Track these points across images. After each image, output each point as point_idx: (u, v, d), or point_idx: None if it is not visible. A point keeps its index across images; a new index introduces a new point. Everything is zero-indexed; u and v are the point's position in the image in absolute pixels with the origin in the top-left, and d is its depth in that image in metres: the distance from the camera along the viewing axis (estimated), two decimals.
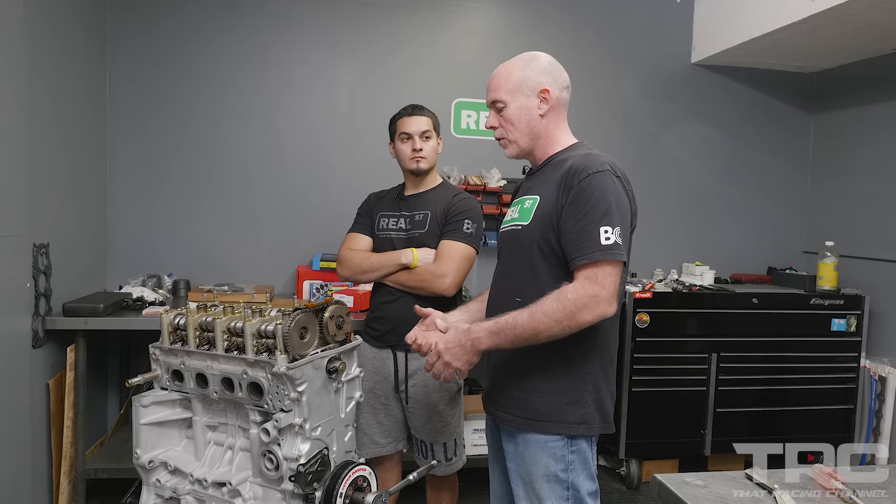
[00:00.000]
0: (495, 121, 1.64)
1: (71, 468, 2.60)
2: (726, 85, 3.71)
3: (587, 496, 1.52)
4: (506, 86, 1.61)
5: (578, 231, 1.44)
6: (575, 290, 1.41)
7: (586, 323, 1.40)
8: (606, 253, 1.40)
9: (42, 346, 2.45)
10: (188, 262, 3.24)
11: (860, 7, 2.61)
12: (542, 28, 3.51)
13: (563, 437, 1.51)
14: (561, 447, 1.51)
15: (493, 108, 1.65)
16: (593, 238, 1.41)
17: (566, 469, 1.51)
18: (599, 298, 1.40)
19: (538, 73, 1.60)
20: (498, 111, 1.63)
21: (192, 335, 1.55)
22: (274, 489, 1.47)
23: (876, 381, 3.17)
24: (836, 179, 3.64)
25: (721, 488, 1.19)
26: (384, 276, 2.20)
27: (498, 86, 1.62)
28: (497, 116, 1.64)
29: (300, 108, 3.34)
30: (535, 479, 1.52)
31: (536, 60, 1.62)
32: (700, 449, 3.15)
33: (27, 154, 2.29)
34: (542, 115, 1.60)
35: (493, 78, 1.65)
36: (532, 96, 1.59)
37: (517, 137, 1.63)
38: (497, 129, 1.65)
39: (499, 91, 1.62)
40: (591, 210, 1.43)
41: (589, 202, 1.44)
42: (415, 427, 2.24)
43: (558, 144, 1.63)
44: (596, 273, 1.41)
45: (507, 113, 1.61)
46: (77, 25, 2.80)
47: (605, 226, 1.42)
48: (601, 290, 1.40)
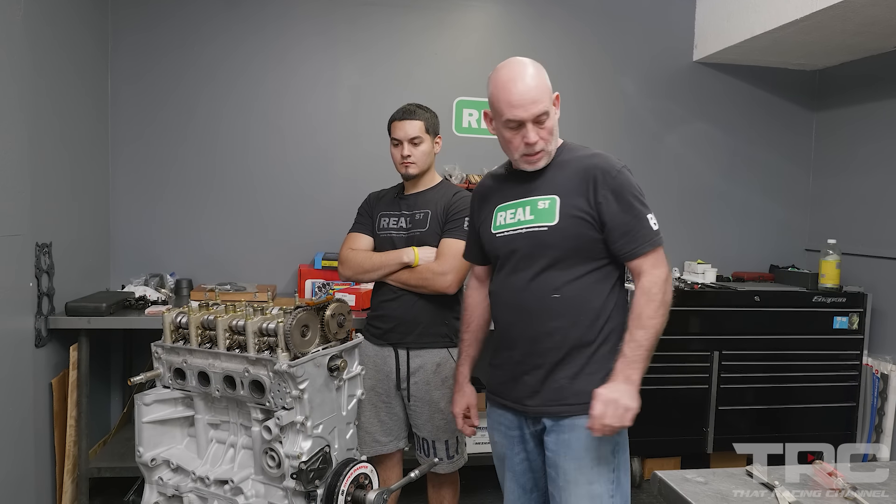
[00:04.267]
0: (537, 135, 1.54)
1: (74, 467, 2.60)
2: (728, 83, 3.70)
3: (624, 475, 1.59)
4: (547, 95, 1.55)
5: (631, 223, 1.53)
6: (653, 281, 1.51)
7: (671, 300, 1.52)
8: (659, 237, 1.55)
9: (45, 346, 2.46)
10: (190, 261, 3.25)
11: (862, 4, 2.60)
12: (542, 26, 3.50)
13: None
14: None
15: (534, 122, 1.53)
16: (646, 227, 1.54)
17: (614, 450, 1.57)
18: (669, 276, 1.54)
19: (548, 78, 1.59)
20: (540, 124, 1.54)
21: (194, 334, 1.56)
22: (276, 487, 1.48)
23: (878, 379, 3.16)
24: (838, 177, 3.63)
25: (722, 485, 1.19)
26: (386, 276, 2.20)
27: (541, 97, 1.53)
28: (538, 130, 1.54)
29: (301, 107, 3.34)
30: (584, 465, 1.54)
31: (542, 67, 1.60)
32: (702, 447, 3.15)
33: (29, 153, 2.29)
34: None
35: (533, 88, 1.52)
36: (552, 103, 1.58)
37: (553, 147, 1.61)
38: (539, 143, 1.55)
39: (544, 101, 1.53)
40: (634, 202, 1.54)
41: (630, 195, 1.54)
42: (416, 425, 2.24)
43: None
44: (657, 257, 1.54)
45: (549, 124, 1.55)
46: (79, 25, 2.81)
47: (648, 213, 1.55)
48: (667, 269, 1.54)
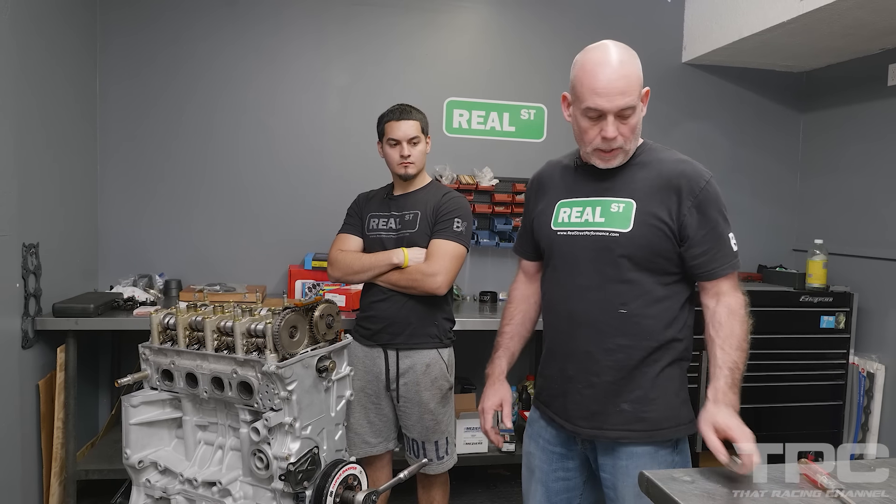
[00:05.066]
0: (617, 129, 1.40)
1: (61, 469, 2.58)
2: (717, 84, 3.73)
3: None
4: (637, 88, 1.39)
5: (715, 241, 1.43)
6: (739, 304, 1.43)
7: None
8: (738, 260, 1.45)
9: (32, 347, 2.44)
10: (180, 261, 3.24)
11: (848, 7, 2.63)
12: (532, 27, 3.51)
13: (670, 441, 1.49)
14: (669, 452, 1.50)
15: (616, 116, 1.39)
16: (728, 247, 1.44)
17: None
18: (747, 303, 1.44)
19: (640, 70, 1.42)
20: (624, 119, 1.40)
21: (181, 335, 1.55)
22: (264, 488, 1.48)
23: (864, 378, 3.20)
24: (825, 178, 3.67)
25: (708, 484, 1.20)
26: (375, 277, 2.20)
27: (633, 89, 1.38)
28: (619, 125, 1.40)
29: (292, 107, 3.33)
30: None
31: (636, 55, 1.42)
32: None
33: (16, 154, 2.27)
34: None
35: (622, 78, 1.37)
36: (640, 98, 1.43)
37: (633, 145, 1.46)
38: (618, 139, 1.41)
39: (633, 95, 1.38)
40: (719, 218, 1.43)
41: (715, 210, 1.43)
42: (406, 426, 2.24)
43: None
44: (735, 280, 1.45)
45: (633, 121, 1.41)
46: (66, 24, 2.79)
47: (730, 233, 1.45)
48: (744, 295, 1.45)
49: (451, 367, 2.26)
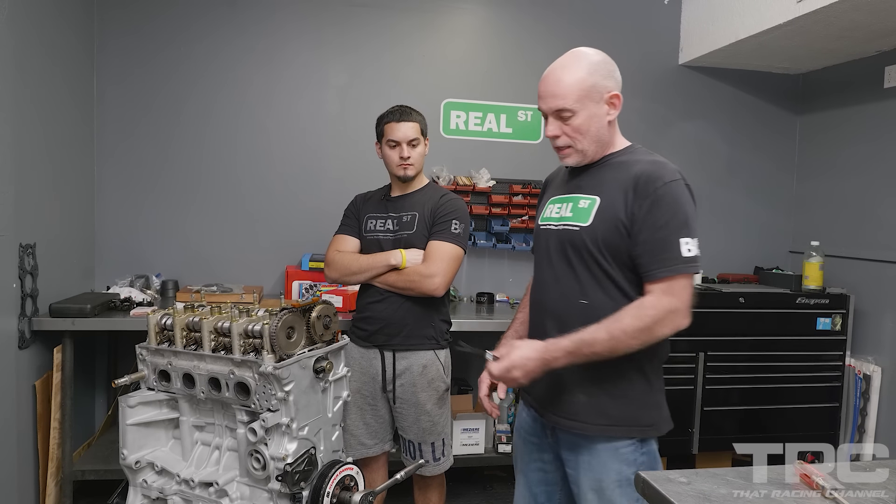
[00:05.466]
0: (558, 129, 1.50)
1: (58, 470, 2.58)
2: (713, 86, 3.74)
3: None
4: (573, 93, 1.47)
5: (657, 242, 1.41)
6: (654, 304, 1.40)
7: (664, 336, 1.41)
8: (688, 265, 1.40)
9: (28, 347, 2.43)
10: (177, 262, 3.23)
11: (844, 9, 2.64)
12: (529, 28, 3.52)
13: (634, 441, 1.50)
14: (631, 451, 1.50)
15: (554, 116, 1.50)
16: (674, 250, 1.40)
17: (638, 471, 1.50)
18: (677, 312, 1.40)
19: (606, 76, 1.51)
20: (563, 120, 1.49)
21: (178, 335, 1.55)
22: (261, 489, 1.48)
23: (861, 380, 3.20)
24: (821, 180, 3.68)
25: (704, 485, 1.20)
26: (373, 278, 2.19)
27: (564, 92, 1.47)
28: (561, 125, 1.50)
29: (289, 108, 3.34)
30: (607, 486, 1.49)
31: (602, 62, 1.52)
32: (688, 448, 3.17)
33: (13, 154, 2.27)
34: (611, 122, 1.54)
35: (555, 82, 1.49)
36: (601, 103, 1.50)
37: (586, 146, 1.52)
38: (560, 138, 1.51)
39: (565, 98, 1.47)
40: (670, 220, 1.41)
41: (667, 212, 1.41)
42: (402, 427, 2.24)
43: (613, 146, 1.58)
44: (673, 286, 1.40)
45: (576, 122, 1.49)
46: (64, 25, 2.79)
47: (685, 237, 1.41)
48: (679, 303, 1.40)
49: (447, 368, 2.26)
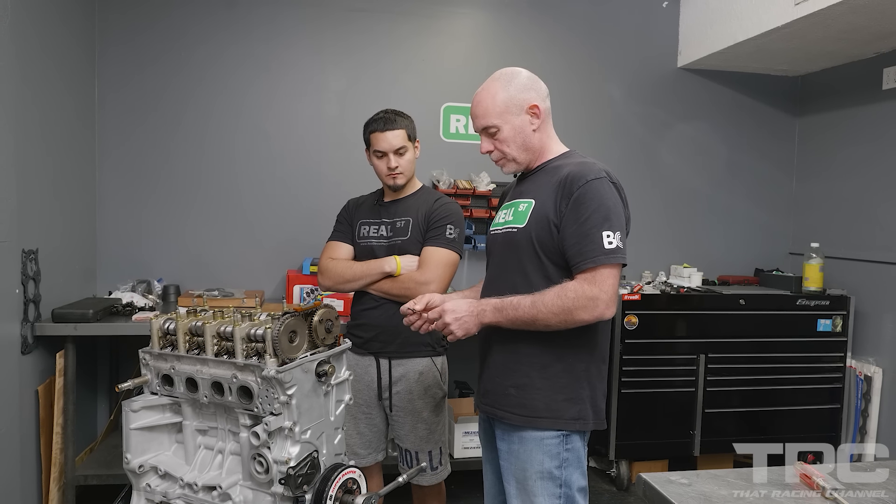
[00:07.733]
0: (490, 145, 1.65)
1: (60, 475, 2.58)
2: (712, 88, 3.75)
3: (577, 493, 1.55)
4: (494, 110, 1.60)
5: (581, 235, 1.49)
6: (575, 289, 1.47)
7: (583, 322, 1.47)
8: (609, 256, 1.47)
9: (31, 353, 2.44)
10: (178, 267, 3.24)
11: (842, 12, 2.65)
12: (528, 33, 3.53)
13: (558, 434, 1.55)
14: (556, 444, 1.55)
15: (484, 134, 1.65)
16: (596, 242, 1.47)
17: (560, 466, 1.54)
18: (598, 300, 1.46)
19: (522, 90, 1.61)
20: (491, 136, 1.63)
21: (181, 340, 1.55)
22: (264, 492, 1.48)
23: (862, 381, 3.21)
24: (820, 181, 3.69)
25: (705, 486, 1.21)
26: (367, 286, 2.15)
27: (486, 112, 1.61)
28: (491, 140, 1.64)
29: (289, 113, 3.35)
30: (529, 476, 1.55)
31: (516, 77, 1.63)
32: (689, 450, 3.17)
33: (15, 160, 2.28)
34: (535, 130, 1.63)
35: (477, 104, 1.63)
36: (522, 114, 1.61)
37: (516, 155, 1.64)
38: (494, 153, 1.65)
39: (488, 117, 1.61)
40: (592, 215, 1.49)
41: (589, 208, 1.49)
42: (399, 436, 2.18)
43: (550, 152, 1.68)
44: (595, 276, 1.47)
45: (502, 135, 1.62)
46: (65, 31, 2.80)
47: (606, 230, 1.48)
48: (600, 292, 1.46)
49: (444, 375, 2.22)
